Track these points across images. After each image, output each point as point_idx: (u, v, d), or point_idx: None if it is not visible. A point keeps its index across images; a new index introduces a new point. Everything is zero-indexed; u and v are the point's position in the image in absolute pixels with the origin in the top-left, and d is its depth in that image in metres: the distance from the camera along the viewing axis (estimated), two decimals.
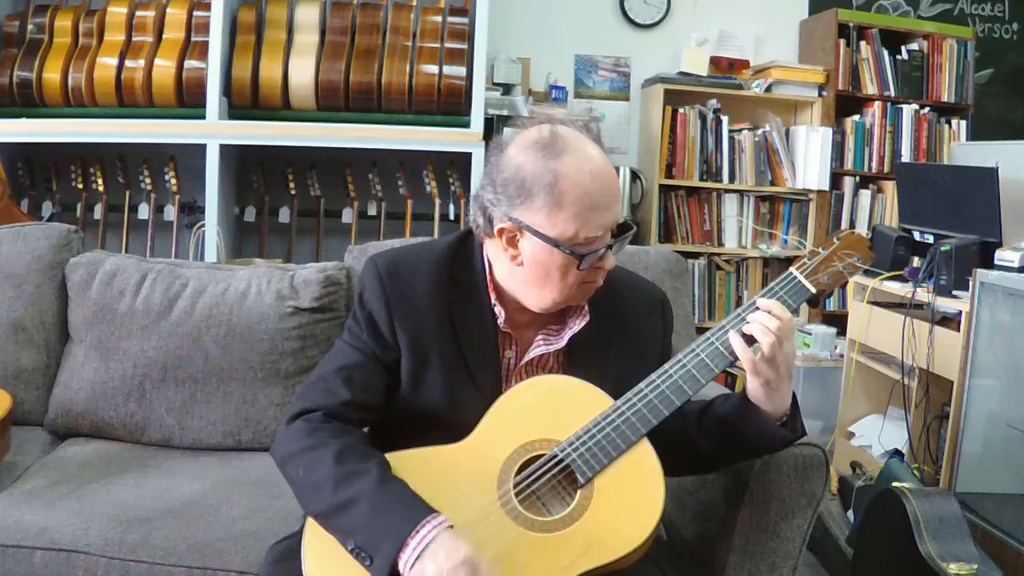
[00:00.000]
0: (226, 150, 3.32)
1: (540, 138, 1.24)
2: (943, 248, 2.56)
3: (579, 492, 1.19)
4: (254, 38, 3.40)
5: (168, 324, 1.91)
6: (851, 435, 3.09)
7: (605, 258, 1.26)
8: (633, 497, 1.19)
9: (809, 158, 3.85)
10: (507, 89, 3.65)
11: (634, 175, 3.84)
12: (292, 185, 3.57)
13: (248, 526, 1.55)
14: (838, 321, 3.59)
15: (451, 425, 1.26)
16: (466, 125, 3.36)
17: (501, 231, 1.26)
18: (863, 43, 3.91)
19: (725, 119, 3.86)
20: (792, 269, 1.32)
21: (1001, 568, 1.96)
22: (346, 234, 3.58)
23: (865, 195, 4.00)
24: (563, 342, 1.32)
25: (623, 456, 1.20)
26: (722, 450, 1.33)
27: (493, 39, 3.44)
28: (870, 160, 3.97)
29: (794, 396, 1.29)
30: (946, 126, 3.99)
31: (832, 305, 3.99)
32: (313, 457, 1.20)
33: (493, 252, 1.32)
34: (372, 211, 3.61)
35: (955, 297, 2.52)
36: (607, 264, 1.27)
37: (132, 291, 1.94)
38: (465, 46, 3.42)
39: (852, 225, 3.98)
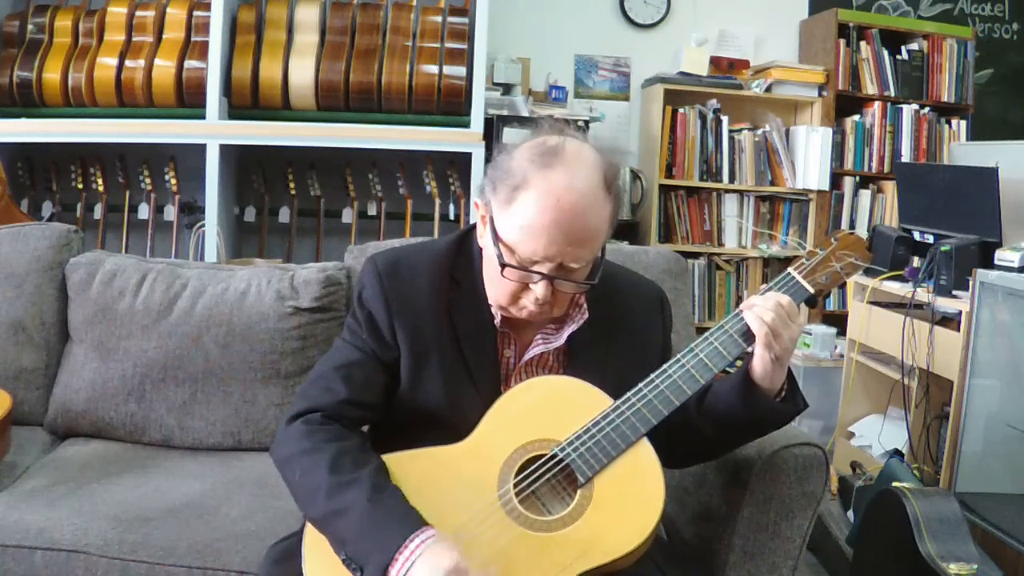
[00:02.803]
0: (226, 150, 3.32)
1: (545, 143, 1.21)
2: (943, 248, 2.56)
3: (579, 492, 1.19)
4: (254, 38, 3.40)
5: (168, 324, 1.90)
6: (851, 435, 3.09)
7: (539, 286, 1.20)
8: (633, 497, 1.19)
9: (809, 158, 3.85)
10: (507, 89, 3.65)
11: (634, 175, 3.84)
12: (292, 185, 3.57)
13: (248, 526, 1.55)
14: (838, 321, 3.59)
15: (451, 425, 1.26)
16: (466, 125, 3.36)
17: (477, 204, 1.27)
18: (863, 43, 3.92)
19: (725, 119, 3.86)
20: (790, 269, 1.32)
21: (1001, 568, 1.96)
22: (346, 234, 3.58)
23: (865, 195, 4.00)
24: (562, 340, 1.32)
25: (623, 456, 1.20)
26: (725, 431, 1.32)
27: (493, 39, 3.44)
28: (870, 160, 3.98)
29: (790, 372, 1.28)
30: (946, 126, 3.99)
31: (832, 305, 3.99)
32: (308, 462, 1.20)
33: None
34: (372, 211, 3.61)
35: (955, 297, 2.52)
36: (539, 293, 1.21)
37: (132, 291, 1.94)
38: (465, 46, 3.42)
39: (852, 225, 3.98)
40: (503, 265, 1.20)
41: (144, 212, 3.51)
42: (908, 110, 3.95)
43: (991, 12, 4.38)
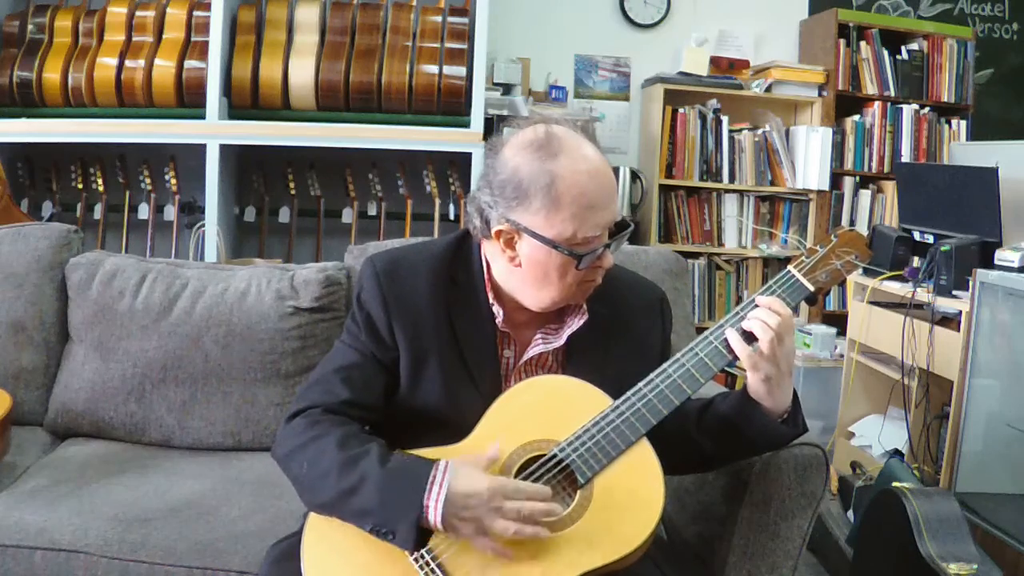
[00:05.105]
0: (226, 150, 3.32)
1: (535, 139, 1.24)
2: (943, 248, 2.56)
3: (579, 492, 1.19)
4: (254, 38, 3.40)
5: (168, 324, 1.91)
6: (851, 435, 3.09)
7: (604, 257, 1.26)
8: (633, 497, 1.19)
9: (809, 158, 3.85)
10: (507, 89, 3.65)
11: (634, 175, 3.84)
12: (292, 185, 3.57)
13: (248, 526, 1.55)
14: (838, 321, 3.59)
15: (450, 425, 1.26)
16: (466, 125, 3.37)
17: (499, 233, 1.26)
18: (863, 43, 3.91)
19: (725, 119, 3.85)
20: (790, 267, 1.32)
21: (1001, 568, 1.96)
22: (346, 234, 3.58)
23: (865, 195, 4.00)
24: (562, 340, 1.32)
25: (623, 456, 1.20)
26: (724, 448, 1.33)
27: (493, 39, 3.44)
28: (870, 160, 3.97)
29: (795, 392, 1.29)
30: (946, 126, 3.99)
31: (832, 305, 3.99)
32: (316, 448, 1.21)
33: (491, 252, 1.32)
34: (372, 211, 3.61)
35: (955, 297, 2.52)
36: (605, 263, 1.28)
37: (132, 291, 1.94)
38: (465, 46, 3.42)
39: (852, 225, 3.98)
40: (579, 258, 1.22)
41: (144, 212, 3.51)
42: (908, 110, 3.95)
43: (991, 12, 4.38)
